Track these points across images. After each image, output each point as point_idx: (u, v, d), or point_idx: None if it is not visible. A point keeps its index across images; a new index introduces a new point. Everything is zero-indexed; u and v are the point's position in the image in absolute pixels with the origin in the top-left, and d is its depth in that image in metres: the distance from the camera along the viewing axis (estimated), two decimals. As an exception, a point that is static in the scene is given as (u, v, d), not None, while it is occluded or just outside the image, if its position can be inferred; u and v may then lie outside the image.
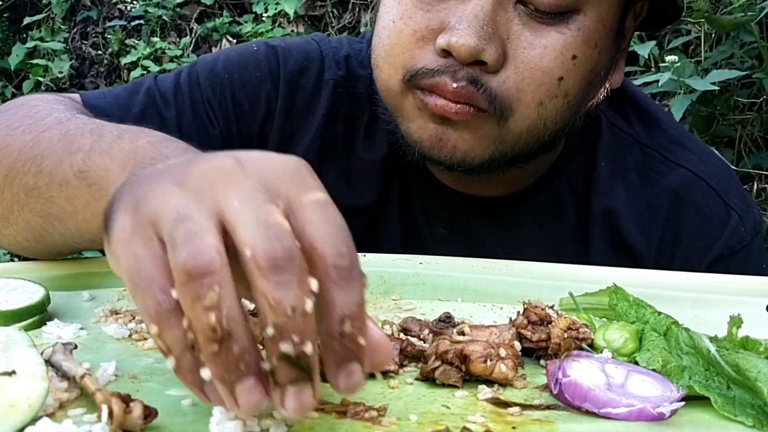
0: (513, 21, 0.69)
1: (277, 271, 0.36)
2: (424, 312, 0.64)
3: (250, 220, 0.37)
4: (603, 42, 0.72)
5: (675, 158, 0.84)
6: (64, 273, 0.69)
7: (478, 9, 0.67)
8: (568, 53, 0.70)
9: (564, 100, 0.72)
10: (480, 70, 0.69)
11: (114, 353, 0.54)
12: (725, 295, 0.65)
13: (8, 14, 3.27)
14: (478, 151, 0.72)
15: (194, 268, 0.36)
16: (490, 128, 0.71)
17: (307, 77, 0.85)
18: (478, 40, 0.67)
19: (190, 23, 3.16)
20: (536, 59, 0.69)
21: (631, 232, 0.82)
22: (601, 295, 0.60)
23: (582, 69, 0.71)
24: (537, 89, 0.70)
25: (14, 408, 0.43)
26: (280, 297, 0.36)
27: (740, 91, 1.87)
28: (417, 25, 0.70)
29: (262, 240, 0.36)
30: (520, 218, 0.84)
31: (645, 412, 0.46)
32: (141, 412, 0.42)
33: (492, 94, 0.69)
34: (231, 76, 0.84)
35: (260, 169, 0.39)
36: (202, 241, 0.36)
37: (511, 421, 0.46)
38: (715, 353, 0.50)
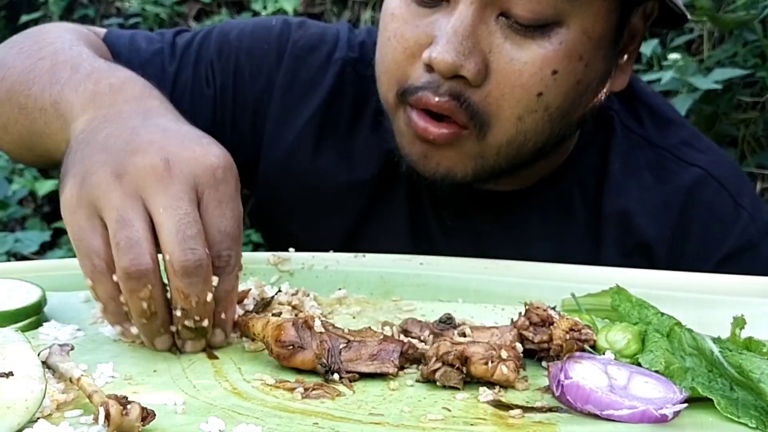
0: (495, 34, 0.69)
1: (187, 275, 0.51)
2: (425, 313, 0.64)
3: (172, 230, 0.51)
4: (590, 53, 0.71)
5: (687, 158, 0.84)
6: (61, 274, 0.68)
7: (458, 24, 0.68)
8: (547, 69, 0.69)
9: (544, 114, 0.71)
10: (462, 84, 0.69)
11: (111, 355, 0.54)
12: (728, 296, 0.64)
13: (5, 12, 3.27)
14: (460, 167, 0.74)
15: (135, 272, 0.50)
16: (470, 146, 0.72)
17: (315, 56, 0.86)
18: (456, 55, 0.67)
19: (188, 21, 3.15)
20: (516, 75, 0.69)
21: (645, 230, 0.82)
22: (603, 296, 0.60)
23: (564, 83, 0.71)
24: (516, 105, 0.70)
25: (11, 410, 0.42)
26: (188, 292, 0.51)
27: (743, 89, 1.86)
28: (407, 41, 0.71)
29: (178, 251, 0.51)
30: (527, 214, 0.84)
31: (648, 414, 0.46)
32: (138, 413, 0.42)
33: (473, 109, 0.70)
34: (240, 43, 0.86)
35: (186, 173, 0.53)
36: (141, 250, 0.50)
37: (512, 424, 0.46)
38: (719, 354, 0.49)
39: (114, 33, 0.87)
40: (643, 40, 0.80)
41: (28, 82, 0.71)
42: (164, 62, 0.85)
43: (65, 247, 2.09)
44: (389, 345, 0.52)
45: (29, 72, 0.72)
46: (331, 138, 0.85)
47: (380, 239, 0.82)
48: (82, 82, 0.65)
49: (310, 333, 0.52)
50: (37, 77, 0.70)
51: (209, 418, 0.44)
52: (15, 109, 0.73)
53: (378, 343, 0.53)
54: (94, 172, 0.53)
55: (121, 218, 0.51)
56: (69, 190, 0.54)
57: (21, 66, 0.73)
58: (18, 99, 0.72)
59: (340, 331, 0.54)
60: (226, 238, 0.53)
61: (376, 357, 0.52)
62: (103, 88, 0.63)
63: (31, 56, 0.74)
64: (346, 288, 0.68)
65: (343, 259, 0.71)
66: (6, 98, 0.74)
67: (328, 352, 0.52)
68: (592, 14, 0.70)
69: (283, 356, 0.52)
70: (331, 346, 0.52)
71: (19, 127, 0.73)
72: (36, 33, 0.80)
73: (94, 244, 0.52)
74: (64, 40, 0.76)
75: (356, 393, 0.50)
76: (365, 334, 0.54)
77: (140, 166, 0.52)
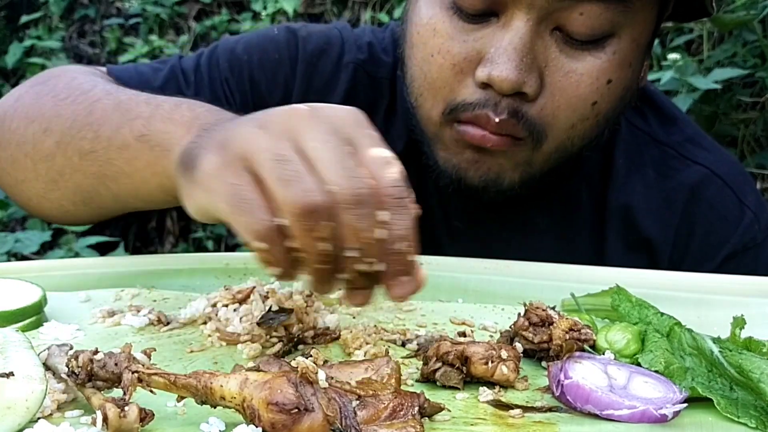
0: (550, 48, 0.69)
1: (359, 205, 0.45)
2: (425, 313, 0.64)
3: (332, 161, 0.45)
4: (637, 59, 0.73)
5: (691, 155, 0.85)
6: (61, 274, 0.68)
7: (516, 40, 0.67)
8: (603, 78, 0.70)
9: (594, 120, 0.73)
10: (520, 101, 0.69)
11: (112, 354, 0.54)
12: (728, 295, 0.65)
13: (5, 13, 3.27)
14: (509, 173, 0.74)
15: (309, 205, 0.44)
16: (524, 154, 0.73)
17: (326, 60, 0.85)
18: (518, 72, 0.67)
19: (188, 21, 3.15)
20: (573, 86, 0.70)
21: (648, 226, 0.83)
22: (603, 296, 0.60)
23: (616, 91, 0.72)
24: (572, 114, 0.71)
25: (12, 410, 0.42)
26: (360, 226, 0.45)
27: (743, 89, 1.87)
28: (455, 58, 0.70)
29: (344, 179, 0.45)
30: (535, 214, 0.85)
31: (647, 414, 0.46)
32: (137, 415, 0.42)
33: (531, 123, 0.70)
34: (250, 57, 0.85)
35: (329, 115, 0.48)
36: (308, 182, 0.45)
37: (512, 424, 0.46)
38: (718, 354, 0.49)
39: (116, 68, 0.84)
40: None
41: (91, 125, 0.65)
42: (180, 87, 0.83)
43: (65, 248, 2.09)
44: (406, 399, 0.45)
45: (87, 116, 0.66)
46: None
47: None
48: (174, 112, 0.59)
49: (313, 389, 0.42)
50: (102, 119, 0.64)
51: (209, 419, 0.44)
52: (74, 157, 0.66)
53: (393, 396, 0.45)
54: (234, 134, 0.48)
55: (278, 155, 0.45)
56: (208, 159, 0.48)
57: (69, 113, 0.67)
58: (79, 145, 0.65)
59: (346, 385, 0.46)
60: (392, 168, 0.47)
61: (395, 415, 0.43)
62: (201, 113, 0.58)
63: (79, 102, 0.68)
64: (346, 288, 0.68)
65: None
66: (57, 150, 0.67)
67: (340, 413, 0.42)
68: (642, 23, 0.71)
69: (281, 424, 0.40)
70: (342, 405, 0.42)
71: (78, 177, 0.67)
72: (56, 78, 0.74)
73: (257, 198, 0.45)
74: (100, 81, 0.72)
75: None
76: (373, 386, 0.46)
77: (283, 113, 0.48)
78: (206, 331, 0.58)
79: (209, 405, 0.43)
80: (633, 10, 0.69)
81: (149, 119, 0.60)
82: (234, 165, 0.46)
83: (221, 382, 0.42)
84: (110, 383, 0.45)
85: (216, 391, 0.42)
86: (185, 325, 0.60)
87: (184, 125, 0.57)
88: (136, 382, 0.43)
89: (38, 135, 0.69)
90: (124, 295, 0.65)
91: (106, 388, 0.45)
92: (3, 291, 0.59)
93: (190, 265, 0.71)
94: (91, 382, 0.45)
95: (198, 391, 0.43)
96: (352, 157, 0.46)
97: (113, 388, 0.45)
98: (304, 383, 0.42)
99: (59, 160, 0.67)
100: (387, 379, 0.46)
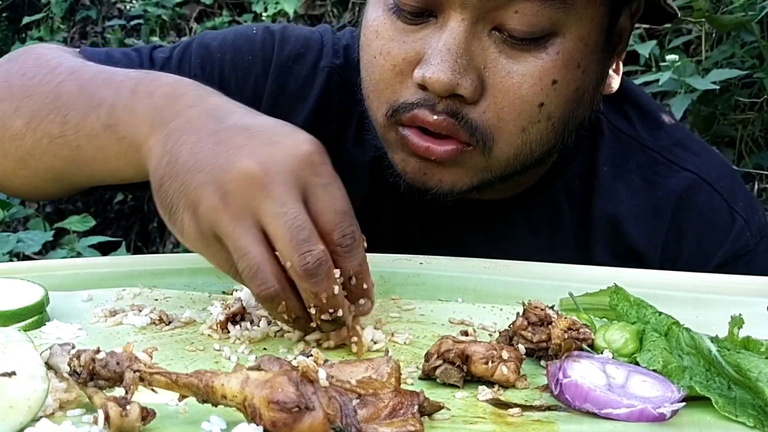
0: (489, 49, 0.67)
1: (310, 276, 0.52)
2: (424, 312, 0.64)
3: (285, 238, 0.51)
4: (587, 59, 0.70)
5: (678, 161, 0.83)
6: (63, 273, 0.69)
7: (450, 40, 0.66)
8: (547, 79, 0.68)
9: (548, 123, 0.70)
10: (459, 102, 0.68)
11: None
12: (726, 295, 0.65)
13: (7, 14, 3.27)
14: (465, 181, 0.72)
15: (266, 296, 0.53)
16: (476, 161, 0.71)
17: (302, 64, 0.84)
18: (452, 74, 0.65)
19: (190, 23, 3.15)
20: (515, 88, 0.68)
21: (635, 237, 0.81)
22: (601, 296, 0.60)
23: (564, 91, 0.70)
24: (518, 117, 0.69)
25: (14, 409, 0.42)
26: (316, 290, 0.52)
27: (741, 90, 1.87)
28: (395, 59, 0.69)
29: (296, 257, 0.51)
30: (514, 223, 0.83)
31: (646, 413, 0.46)
32: (138, 413, 0.42)
33: (473, 126, 0.68)
34: (223, 55, 0.84)
35: (283, 171, 0.52)
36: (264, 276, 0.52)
37: (511, 422, 0.46)
38: (716, 353, 0.49)
39: (88, 51, 0.84)
40: (630, 37, 0.79)
41: (59, 109, 0.66)
42: None
43: (67, 248, 2.09)
44: (405, 398, 0.45)
45: (55, 99, 0.67)
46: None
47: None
48: (134, 99, 0.61)
49: (314, 388, 0.42)
50: (68, 102, 0.66)
51: (211, 417, 0.44)
52: (44, 140, 0.67)
53: (393, 395, 0.45)
54: (200, 200, 0.53)
55: (237, 247, 0.52)
56: (188, 226, 0.54)
57: (38, 94, 0.68)
58: (47, 128, 0.67)
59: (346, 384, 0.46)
60: (343, 217, 0.53)
61: (395, 414, 0.44)
62: (159, 100, 0.60)
63: (46, 82, 0.68)
64: (347, 288, 0.68)
65: (344, 259, 0.71)
66: (26, 131, 0.68)
67: (340, 411, 0.42)
68: (587, 20, 0.69)
69: (282, 422, 0.41)
70: (342, 404, 0.42)
71: (48, 158, 0.68)
72: (24, 55, 0.75)
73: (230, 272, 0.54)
74: (66, 57, 0.72)
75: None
76: (373, 384, 0.46)
77: (239, 180, 0.52)
78: (206, 332, 0.58)
79: (210, 404, 0.43)
80: (576, 8, 0.67)
81: (113, 107, 0.62)
82: (213, 240, 0.53)
83: (222, 381, 0.43)
84: (112, 382, 0.45)
85: (217, 390, 0.43)
86: (187, 324, 0.60)
87: (146, 121, 0.60)
88: (138, 381, 0.44)
89: (8, 114, 0.69)
90: (125, 294, 0.65)
91: (107, 387, 0.45)
92: (5, 291, 0.59)
93: (191, 265, 0.71)
94: (93, 381, 0.45)
95: (199, 390, 0.43)
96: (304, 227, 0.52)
97: (115, 387, 0.45)
98: (304, 382, 0.42)
99: (28, 141, 0.68)
100: (387, 378, 0.46)
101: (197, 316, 0.61)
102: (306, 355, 0.48)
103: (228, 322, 0.58)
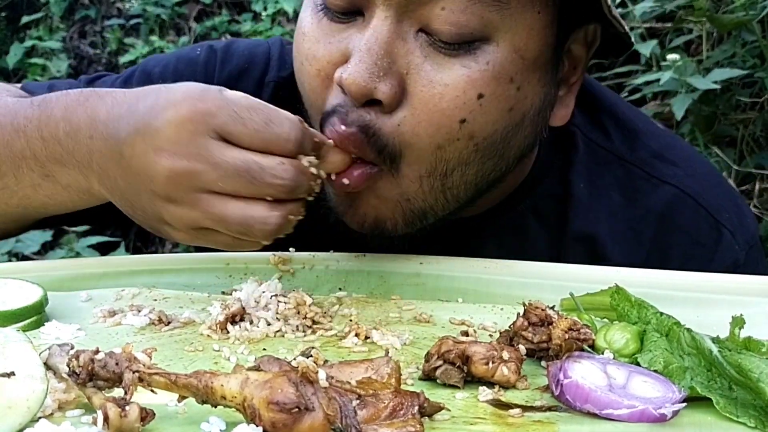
0: (414, 53, 0.61)
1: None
2: (424, 312, 0.64)
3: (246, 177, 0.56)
4: (522, 76, 0.63)
5: (659, 174, 0.77)
6: (62, 274, 0.69)
7: (372, 40, 0.60)
8: (472, 92, 0.61)
9: (469, 143, 0.63)
10: (375, 112, 0.62)
11: (112, 354, 0.54)
12: (727, 295, 0.65)
13: (6, 13, 3.27)
14: (388, 214, 0.66)
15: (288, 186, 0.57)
16: (388, 187, 0.65)
17: (246, 80, 0.80)
18: (369, 76, 0.60)
19: (189, 22, 3.15)
20: (435, 99, 0.61)
21: (614, 257, 0.75)
22: (602, 296, 0.60)
23: (492, 109, 0.63)
24: (435, 133, 0.62)
25: (13, 409, 0.42)
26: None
27: (742, 90, 1.87)
28: (320, 62, 0.64)
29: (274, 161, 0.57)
30: (481, 242, 0.77)
31: (647, 414, 0.46)
32: (137, 414, 0.42)
33: (382, 143, 0.62)
34: (164, 81, 0.75)
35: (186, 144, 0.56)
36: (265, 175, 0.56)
37: (512, 423, 0.46)
38: (718, 354, 0.49)
39: (31, 84, 0.83)
40: (585, 70, 0.72)
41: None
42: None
43: (66, 248, 2.09)
44: (406, 399, 0.44)
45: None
46: None
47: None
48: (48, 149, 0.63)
49: (314, 389, 0.42)
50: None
51: (210, 418, 0.44)
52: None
53: (393, 396, 0.44)
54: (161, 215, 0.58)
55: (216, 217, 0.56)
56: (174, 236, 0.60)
57: None
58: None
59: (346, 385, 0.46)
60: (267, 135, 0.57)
61: (395, 415, 0.43)
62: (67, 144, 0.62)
63: None
64: (346, 287, 0.68)
65: (344, 258, 0.71)
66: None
67: (340, 412, 0.42)
68: (524, 29, 0.62)
69: (282, 423, 0.40)
70: (342, 405, 0.42)
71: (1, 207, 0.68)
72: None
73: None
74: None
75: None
76: (373, 385, 0.46)
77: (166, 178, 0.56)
78: (205, 332, 0.58)
79: (210, 404, 0.43)
80: (510, 9, 0.61)
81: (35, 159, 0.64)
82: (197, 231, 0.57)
83: (222, 381, 0.43)
84: (111, 383, 0.45)
85: (217, 390, 0.42)
86: (186, 324, 0.60)
87: (74, 169, 0.62)
88: (137, 381, 0.44)
89: None
90: (124, 294, 0.65)
91: (107, 388, 0.45)
92: (4, 291, 0.59)
93: (190, 265, 0.71)
94: (92, 381, 0.45)
95: (199, 390, 0.43)
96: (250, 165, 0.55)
97: (114, 387, 0.45)
98: (304, 383, 0.42)
99: None
100: (387, 379, 0.46)
101: (196, 316, 0.61)
102: (306, 356, 0.48)
103: (227, 323, 0.58)
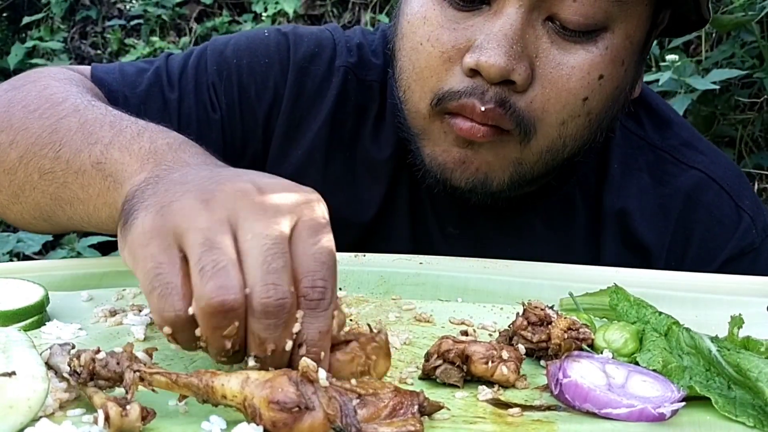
0: (542, 39, 0.68)
1: (266, 315, 0.43)
2: (424, 312, 0.64)
3: (257, 259, 0.44)
4: (629, 59, 0.72)
5: (686, 160, 0.84)
6: (63, 273, 0.69)
7: (507, 27, 0.67)
8: (595, 73, 0.69)
9: (586, 119, 0.72)
10: (508, 90, 0.68)
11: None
12: (726, 295, 0.65)
13: (7, 14, 3.27)
14: (498, 173, 0.72)
15: (219, 304, 0.43)
16: (511, 149, 0.71)
17: (318, 64, 0.84)
18: (507, 59, 0.66)
19: (190, 23, 3.16)
20: (563, 80, 0.69)
21: (643, 232, 0.82)
22: (601, 295, 0.60)
23: (607, 88, 0.71)
24: (561, 109, 0.70)
25: (14, 409, 0.42)
26: (265, 337, 0.44)
27: (741, 90, 1.87)
28: (444, 46, 0.69)
29: (260, 285, 0.43)
30: (530, 219, 0.84)
31: (646, 413, 0.46)
32: (138, 414, 0.42)
33: (519, 115, 0.69)
34: (239, 61, 0.83)
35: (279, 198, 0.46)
36: (228, 279, 0.43)
37: (511, 422, 0.46)
38: (716, 353, 0.50)
39: (100, 69, 0.82)
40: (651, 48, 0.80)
41: (53, 144, 0.63)
42: (164, 91, 0.81)
43: (67, 247, 2.09)
44: (405, 398, 0.44)
45: (51, 134, 0.63)
46: (338, 148, 0.84)
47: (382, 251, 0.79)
48: (134, 141, 0.58)
49: (314, 388, 0.42)
50: (65, 138, 0.62)
51: (211, 417, 0.44)
52: (34, 175, 0.64)
53: (393, 395, 0.44)
54: (176, 199, 0.46)
55: (208, 240, 0.44)
56: (142, 221, 0.46)
57: (37, 127, 0.65)
58: (40, 163, 0.64)
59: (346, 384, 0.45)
60: (321, 267, 0.45)
61: (395, 414, 0.43)
62: (160, 146, 0.57)
63: (46, 116, 0.65)
64: (346, 287, 0.68)
65: (343, 258, 0.71)
66: (20, 164, 0.65)
67: (340, 411, 0.42)
68: (635, 18, 0.70)
69: (282, 422, 0.41)
70: (342, 404, 0.42)
71: (37, 195, 0.65)
72: (31, 84, 0.71)
73: (176, 283, 0.44)
74: (73, 92, 0.69)
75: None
76: (373, 384, 0.45)
77: (229, 191, 0.46)
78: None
79: (210, 404, 0.44)
80: (628, 4, 0.69)
81: (108, 146, 0.59)
82: (165, 237, 0.45)
83: (222, 381, 0.43)
84: (112, 382, 0.45)
85: (217, 390, 0.43)
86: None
87: (139, 158, 0.56)
88: (138, 381, 0.44)
89: (5, 146, 0.67)
90: (126, 294, 0.65)
91: (108, 388, 0.45)
92: (5, 291, 0.59)
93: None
94: (93, 381, 0.45)
95: (199, 390, 0.43)
96: (281, 257, 0.44)
97: (115, 387, 0.45)
98: (304, 382, 0.42)
99: (21, 175, 0.66)
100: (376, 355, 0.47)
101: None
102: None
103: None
